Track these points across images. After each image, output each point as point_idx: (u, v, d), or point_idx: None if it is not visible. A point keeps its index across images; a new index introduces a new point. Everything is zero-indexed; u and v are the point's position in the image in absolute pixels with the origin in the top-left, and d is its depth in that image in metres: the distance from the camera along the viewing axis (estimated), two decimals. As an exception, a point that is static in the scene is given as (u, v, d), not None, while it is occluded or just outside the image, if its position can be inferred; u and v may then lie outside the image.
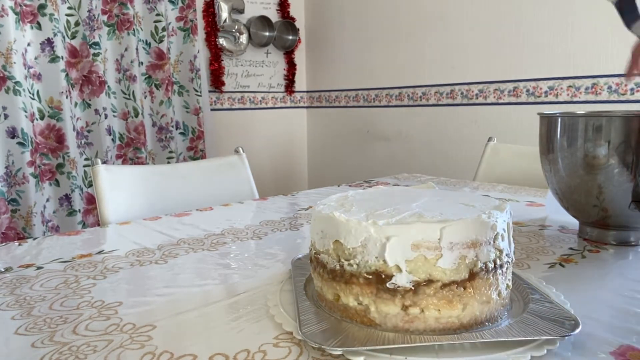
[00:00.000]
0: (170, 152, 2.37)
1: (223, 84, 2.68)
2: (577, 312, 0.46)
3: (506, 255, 0.46)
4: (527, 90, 2.09)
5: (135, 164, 2.25)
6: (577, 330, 0.41)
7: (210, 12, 2.56)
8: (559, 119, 0.72)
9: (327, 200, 0.54)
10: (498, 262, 0.45)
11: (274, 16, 2.85)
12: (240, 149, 1.37)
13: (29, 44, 1.96)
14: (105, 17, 2.15)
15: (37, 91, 2.00)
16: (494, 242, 0.44)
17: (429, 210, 0.47)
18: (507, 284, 0.47)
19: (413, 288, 0.42)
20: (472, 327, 0.43)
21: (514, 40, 2.09)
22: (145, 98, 2.30)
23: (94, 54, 2.09)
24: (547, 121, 0.74)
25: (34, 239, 0.84)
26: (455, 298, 0.43)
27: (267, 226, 0.89)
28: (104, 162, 1.14)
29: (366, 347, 0.40)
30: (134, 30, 2.19)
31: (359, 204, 0.51)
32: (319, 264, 0.49)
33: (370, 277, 0.44)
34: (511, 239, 0.48)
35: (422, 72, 2.46)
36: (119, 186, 1.13)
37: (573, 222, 0.82)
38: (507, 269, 0.46)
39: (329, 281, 0.47)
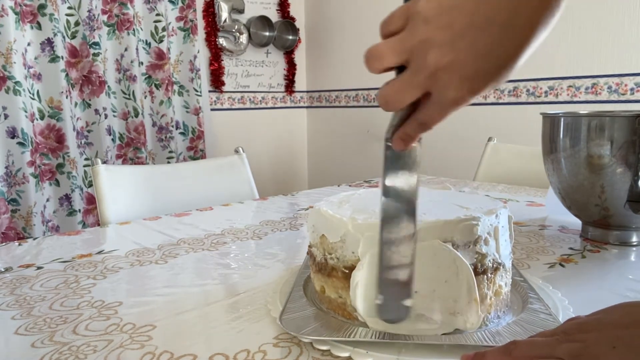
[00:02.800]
0: (170, 152, 2.37)
1: (223, 83, 2.68)
2: (577, 312, 0.46)
3: (492, 260, 0.44)
4: (527, 90, 2.09)
5: (135, 164, 2.25)
6: None
7: (210, 12, 2.56)
8: (562, 119, 0.72)
9: (332, 198, 0.55)
10: (480, 266, 0.43)
11: (274, 16, 2.84)
12: (240, 149, 1.37)
13: (29, 44, 1.96)
14: (105, 17, 2.15)
15: (37, 91, 2.00)
16: (473, 245, 0.43)
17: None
18: (496, 290, 0.45)
19: None
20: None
21: (514, 40, 2.09)
22: (145, 98, 2.30)
23: (94, 54, 2.09)
24: (550, 121, 0.74)
25: (34, 239, 0.84)
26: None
27: (267, 226, 0.89)
28: (104, 162, 1.14)
29: (332, 338, 0.42)
30: (134, 30, 2.19)
31: (356, 202, 0.52)
32: (312, 256, 0.50)
33: (347, 271, 0.44)
34: (504, 243, 0.46)
35: (422, 72, 2.45)
36: (119, 186, 1.13)
37: (573, 222, 0.82)
38: (493, 274, 0.45)
39: (317, 273, 0.49)
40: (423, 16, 0.32)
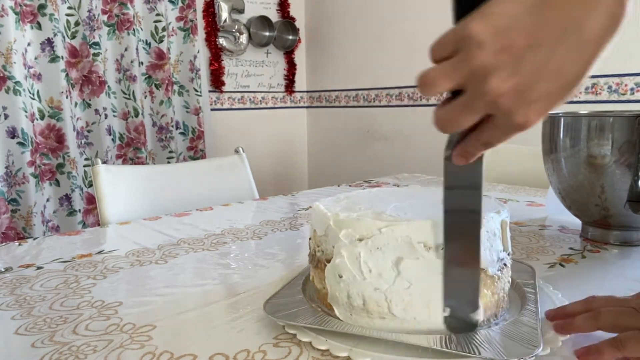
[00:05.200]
0: (170, 152, 2.37)
1: (223, 83, 2.68)
2: (578, 312, 0.46)
3: None
4: (527, 90, 2.09)
5: (135, 164, 2.25)
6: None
7: (210, 12, 2.55)
8: (562, 119, 0.72)
9: (339, 196, 0.55)
10: None
11: (274, 16, 2.84)
12: (240, 149, 1.37)
13: (29, 44, 1.96)
14: (105, 17, 2.15)
15: (37, 91, 2.00)
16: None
17: (400, 210, 0.46)
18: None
19: None
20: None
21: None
22: (145, 98, 2.30)
23: (94, 54, 2.09)
24: (550, 121, 0.74)
25: (34, 239, 0.84)
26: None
27: (267, 226, 0.89)
28: (104, 162, 1.14)
29: (298, 323, 0.44)
30: (134, 30, 2.19)
31: (354, 201, 0.53)
32: (309, 247, 0.53)
33: (329, 264, 0.46)
34: (489, 249, 0.43)
35: (422, 72, 2.45)
36: (119, 186, 1.13)
37: (573, 222, 0.82)
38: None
39: (310, 264, 0.52)
40: (476, 40, 0.30)
